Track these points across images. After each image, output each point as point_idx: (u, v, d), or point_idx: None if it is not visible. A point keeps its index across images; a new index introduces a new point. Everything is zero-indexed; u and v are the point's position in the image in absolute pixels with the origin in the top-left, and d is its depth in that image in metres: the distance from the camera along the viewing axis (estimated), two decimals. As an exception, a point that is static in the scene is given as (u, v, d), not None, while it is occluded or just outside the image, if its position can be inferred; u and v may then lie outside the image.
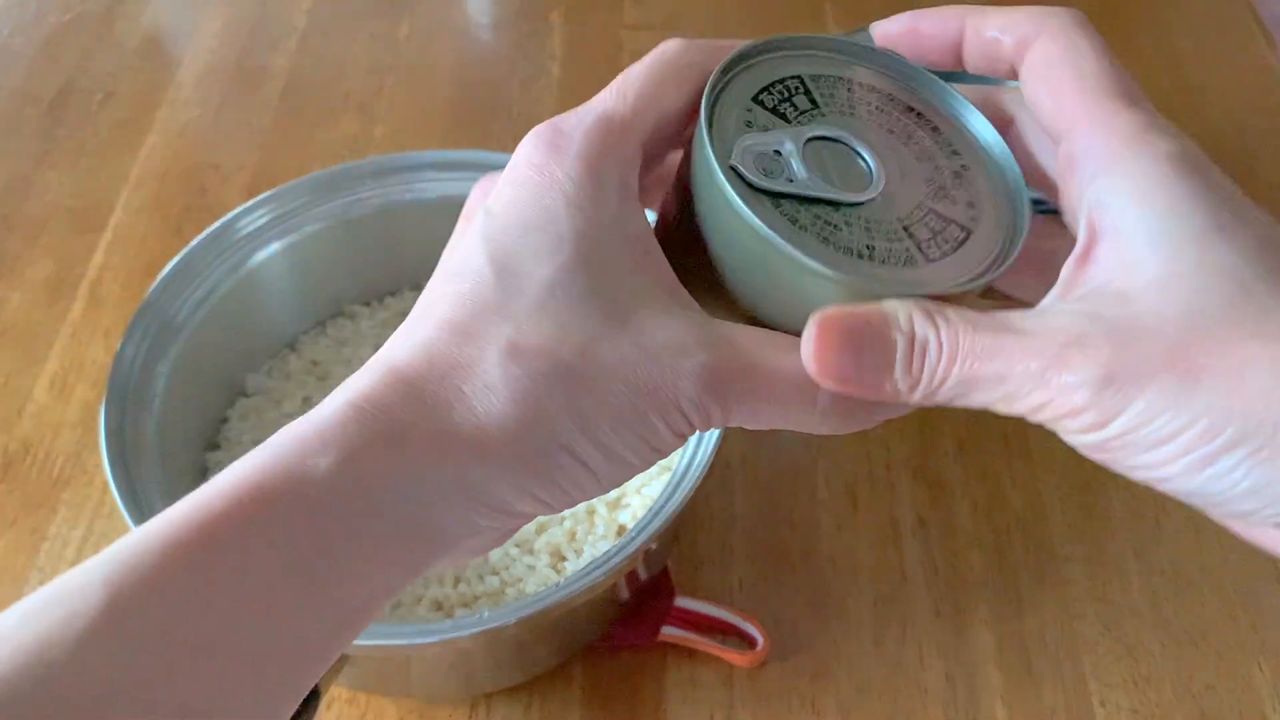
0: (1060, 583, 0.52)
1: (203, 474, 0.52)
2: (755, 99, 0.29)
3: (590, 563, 0.43)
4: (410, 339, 0.26)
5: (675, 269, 0.27)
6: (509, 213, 0.26)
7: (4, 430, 0.58)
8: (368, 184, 0.55)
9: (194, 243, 0.52)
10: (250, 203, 0.53)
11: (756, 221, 0.25)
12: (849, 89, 0.29)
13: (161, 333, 0.49)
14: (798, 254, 0.25)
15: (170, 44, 0.81)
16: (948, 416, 0.58)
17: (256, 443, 0.55)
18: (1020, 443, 0.57)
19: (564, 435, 0.25)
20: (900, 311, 0.25)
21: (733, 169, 0.27)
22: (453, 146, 0.72)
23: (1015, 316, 0.24)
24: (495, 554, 0.49)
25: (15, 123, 0.74)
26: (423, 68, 0.78)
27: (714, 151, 0.26)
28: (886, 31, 0.29)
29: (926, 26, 0.29)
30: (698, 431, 0.26)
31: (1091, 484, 0.55)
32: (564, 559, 0.49)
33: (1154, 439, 0.23)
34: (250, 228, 0.53)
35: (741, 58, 0.29)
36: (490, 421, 0.24)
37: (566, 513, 0.50)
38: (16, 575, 0.52)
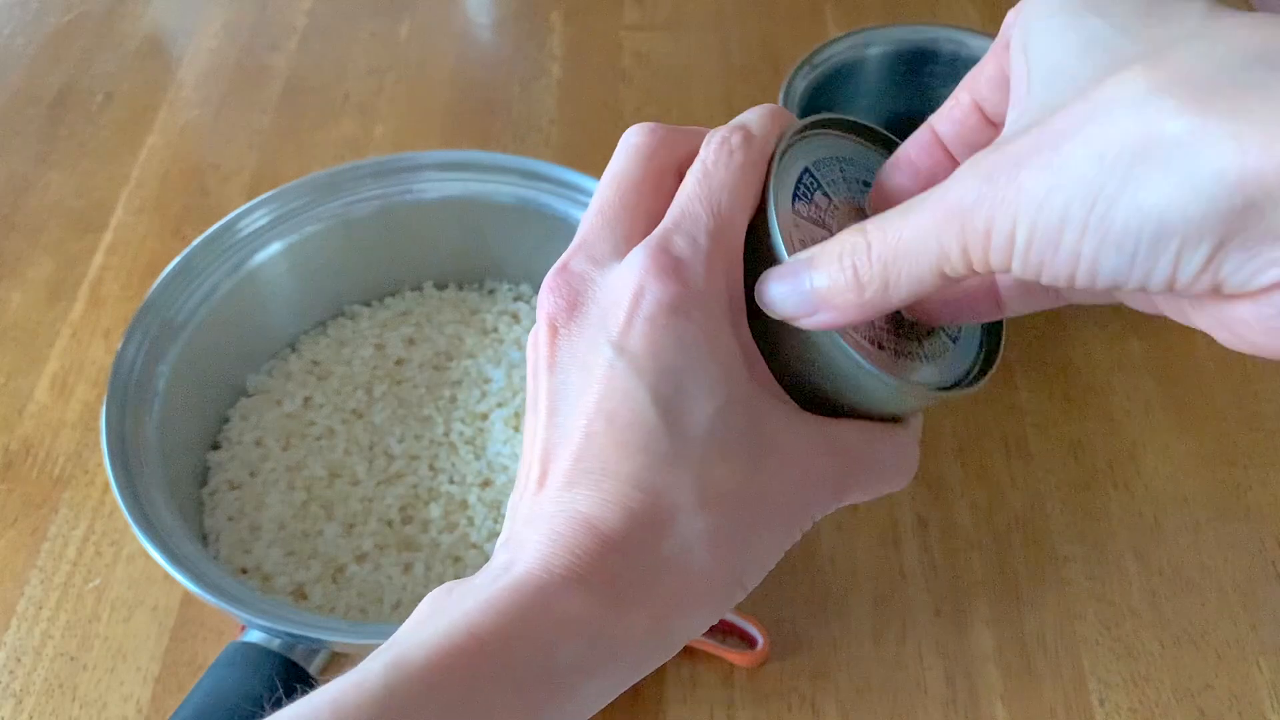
0: (1060, 582, 0.52)
1: (204, 474, 0.52)
2: (805, 183, 0.30)
3: (590, 562, 0.43)
4: (601, 499, 0.26)
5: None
6: (659, 358, 0.26)
7: (5, 430, 0.58)
8: (368, 184, 0.55)
9: (195, 243, 0.52)
10: (251, 203, 0.53)
11: (845, 347, 0.27)
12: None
13: (162, 333, 0.49)
14: (867, 365, 0.27)
15: (171, 44, 0.81)
16: (948, 416, 0.58)
17: (257, 442, 0.55)
18: (1020, 443, 0.57)
19: (741, 571, 0.27)
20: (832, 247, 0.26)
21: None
22: (453, 147, 0.72)
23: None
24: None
25: (16, 123, 0.75)
26: (423, 68, 0.78)
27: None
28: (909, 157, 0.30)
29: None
30: None
31: (1091, 484, 0.55)
32: (564, 559, 0.49)
33: (1054, 227, 0.22)
34: (251, 228, 0.53)
35: (796, 135, 0.30)
36: (690, 577, 0.26)
37: (567, 513, 0.50)
38: (17, 575, 0.52)
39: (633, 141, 0.29)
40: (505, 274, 0.60)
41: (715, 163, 0.27)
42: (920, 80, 0.62)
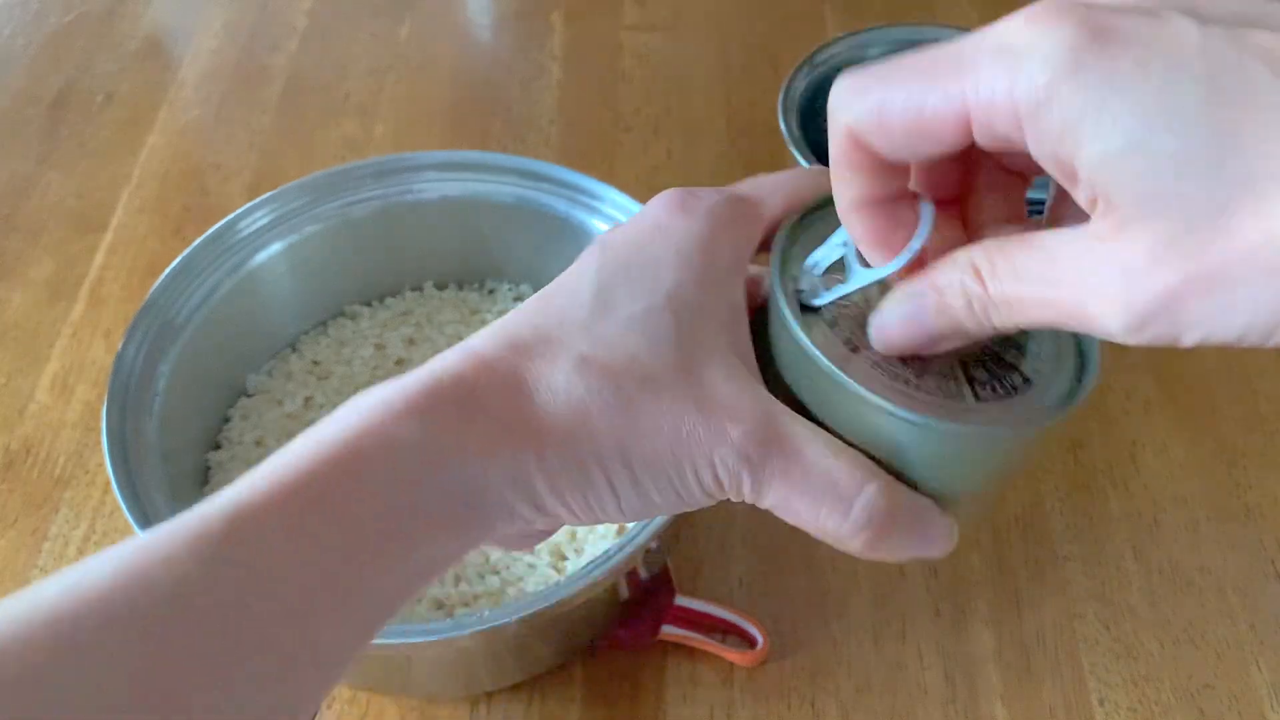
0: (1059, 582, 0.52)
1: (204, 473, 0.52)
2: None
3: (591, 562, 0.43)
4: (499, 330, 0.27)
5: (757, 352, 0.29)
6: (620, 248, 0.28)
7: (5, 430, 0.58)
8: (368, 184, 0.55)
9: (195, 243, 0.52)
10: (251, 203, 0.54)
11: (831, 366, 0.27)
12: None
13: (163, 333, 0.49)
14: (863, 391, 0.26)
15: (171, 45, 0.81)
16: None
17: (258, 442, 0.55)
18: (1019, 443, 0.57)
19: (602, 454, 0.26)
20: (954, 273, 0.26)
21: (798, 292, 0.28)
22: (453, 147, 0.72)
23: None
24: (495, 553, 0.49)
25: (17, 123, 0.75)
26: (423, 68, 0.78)
27: (780, 285, 0.28)
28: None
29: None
30: (729, 497, 0.27)
31: (1090, 484, 0.55)
32: (564, 558, 0.49)
33: (1231, 337, 0.22)
34: (251, 228, 0.53)
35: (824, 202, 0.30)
36: (546, 420, 0.26)
37: (567, 512, 0.50)
38: (18, 575, 0.52)
39: (798, 170, 0.32)
40: (505, 274, 0.60)
41: (796, 171, 0.30)
42: (920, 80, 0.62)
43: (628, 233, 0.29)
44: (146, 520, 0.43)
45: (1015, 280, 0.24)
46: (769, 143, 0.72)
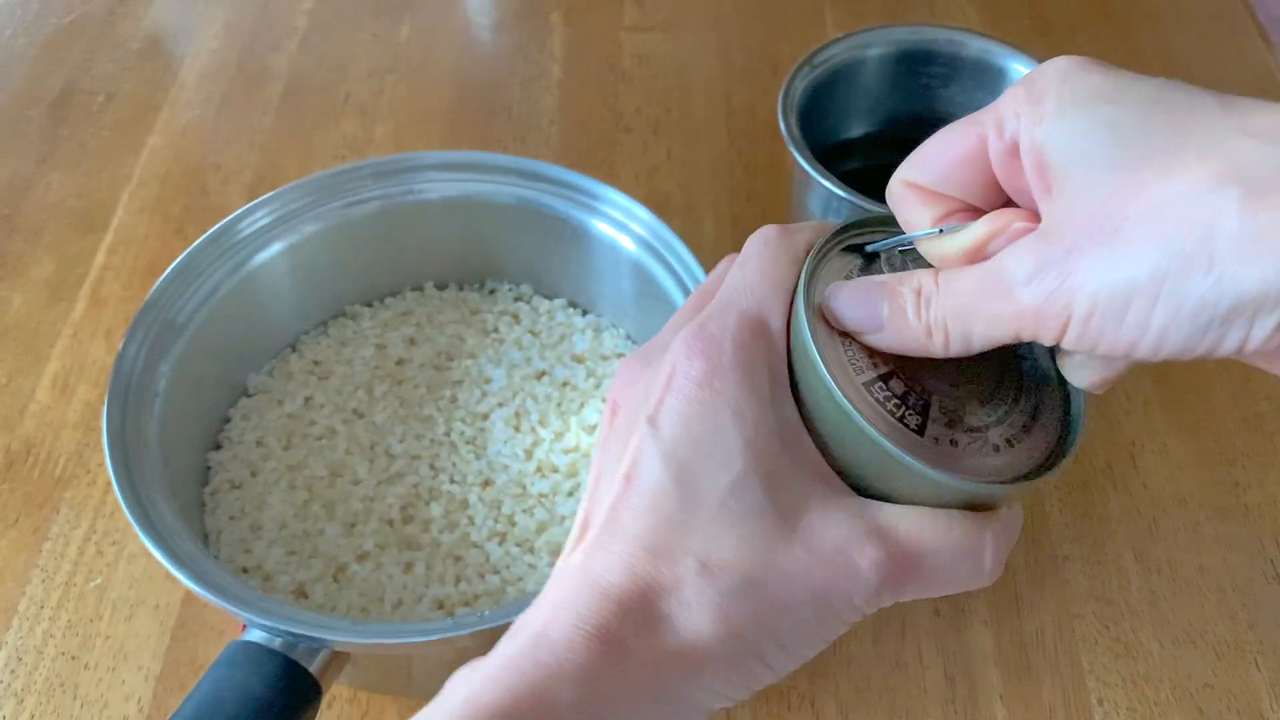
0: (1058, 582, 0.52)
1: (205, 473, 0.52)
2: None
3: (590, 562, 0.43)
4: (609, 558, 0.27)
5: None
6: (681, 427, 0.27)
7: (6, 430, 0.58)
8: (369, 185, 0.55)
9: (196, 243, 0.52)
10: (252, 203, 0.54)
11: (873, 431, 0.27)
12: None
13: (163, 333, 0.50)
14: (906, 458, 0.27)
15: (171, 45, 0.81)
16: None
17: (258, 442, 0.55)
18: (1019, 442, 0.57)
19: (755, 645, 0.27)
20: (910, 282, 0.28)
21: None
22: (453, 147, 0.72)
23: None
24: (496, 553, 0.49)
25: (17, 123, 0.75)
26: (423, 69, 0.78)
27: (810, 333, 0.28)
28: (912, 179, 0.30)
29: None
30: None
31: (1090, 484, 0.55)
32: (564, 558, 0.49)
33: (1118, 304, 0.23)
34: (252, 228, 0.53)
35: (833, 237, 0.30)
36: (691, 639, 0.26)
37: (567, 511, 0.50)
38: (18, 574, 0.52)
39: (764, 234, 0.31)
40: (506, 274, 0.60)
41: (751, 252, 0.30)
42: (919, 81, 0.62)
43: (675, 404, 0.28)
44: (147, 520, 0.43)
45: (958, 287, 0.27)
46: (769, 143, 0.72)
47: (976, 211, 0.28)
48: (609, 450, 0.29)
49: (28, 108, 0.76)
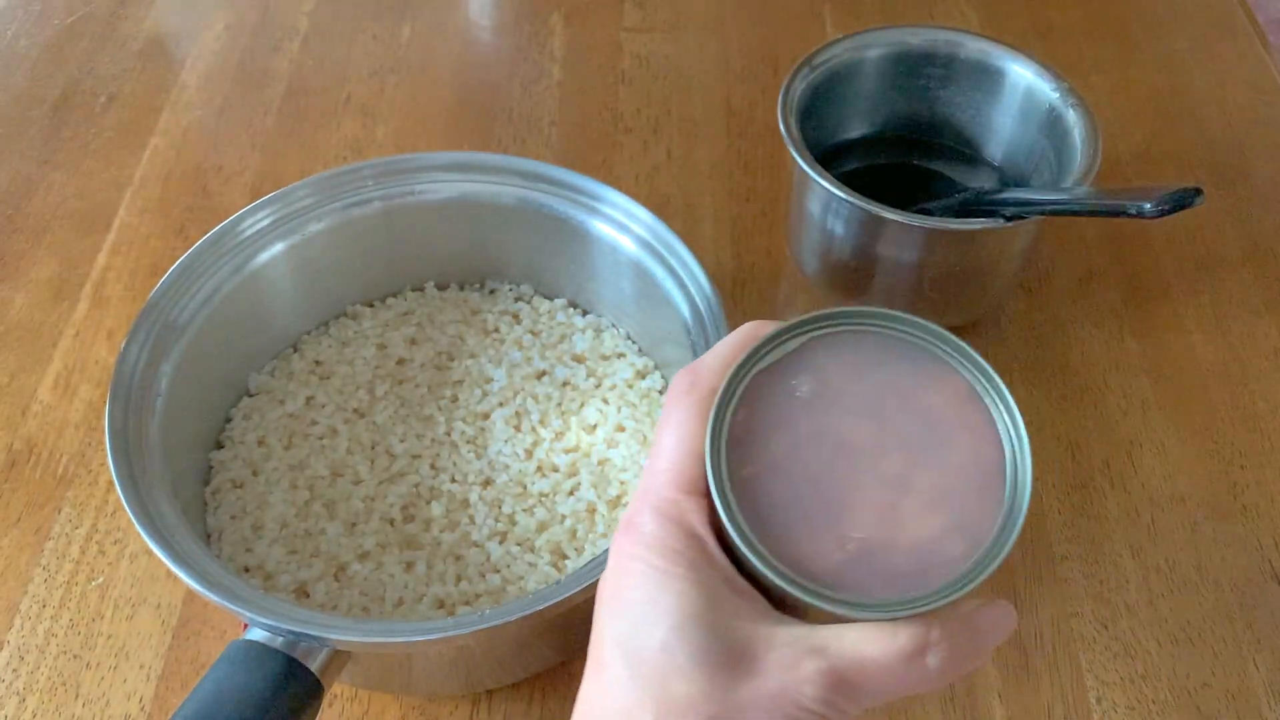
0: (1057, 581, 0.52)
1: (206, 473, 0.53)
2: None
3: (591, 561, 0.43)
4: None
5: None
6: (616, 600, 0.30)
7: (8, 429, 0.58)
8: (370, 185, 0.56)
9: (198, 244, 0.52)
10: (253, 204, 0.54)
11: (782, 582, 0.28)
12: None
13: (165, 333, 0.50)
14: (819, 604, 0.28)
15: (173, 46, 0.81)
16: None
17: (260, 442, 0.55)
18: (1018, 442, 0.57)
19: None
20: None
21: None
22: (454, 148, 0.72)
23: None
24: (497, 552, 0.49)
25: (20, 124, 0.75)
26: (424, 70, 0.78)
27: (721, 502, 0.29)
28: None
29: None
30: None
31: (1088, 484, 0.55)
32: (565, 557, 0.49)
33: None
34: (253, 228, 0.54)
35: (739, 370, 0.30)
36: None
37: (567, 511, 0.50)
38: (20, 574, 0.53)
39: (675, 388, 0.32)
40: (506, 274, 0.60)
41: (665, 411, 0.31)
42: (918, 82, 0.62)
43: (611, 581, 0.30)
44: (149, 519, 0.43)
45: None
46: (768, 143, 0.72)
47: None
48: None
49: (30, 108, 0.76)
